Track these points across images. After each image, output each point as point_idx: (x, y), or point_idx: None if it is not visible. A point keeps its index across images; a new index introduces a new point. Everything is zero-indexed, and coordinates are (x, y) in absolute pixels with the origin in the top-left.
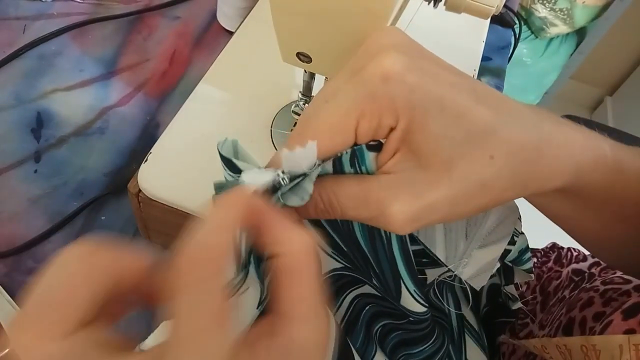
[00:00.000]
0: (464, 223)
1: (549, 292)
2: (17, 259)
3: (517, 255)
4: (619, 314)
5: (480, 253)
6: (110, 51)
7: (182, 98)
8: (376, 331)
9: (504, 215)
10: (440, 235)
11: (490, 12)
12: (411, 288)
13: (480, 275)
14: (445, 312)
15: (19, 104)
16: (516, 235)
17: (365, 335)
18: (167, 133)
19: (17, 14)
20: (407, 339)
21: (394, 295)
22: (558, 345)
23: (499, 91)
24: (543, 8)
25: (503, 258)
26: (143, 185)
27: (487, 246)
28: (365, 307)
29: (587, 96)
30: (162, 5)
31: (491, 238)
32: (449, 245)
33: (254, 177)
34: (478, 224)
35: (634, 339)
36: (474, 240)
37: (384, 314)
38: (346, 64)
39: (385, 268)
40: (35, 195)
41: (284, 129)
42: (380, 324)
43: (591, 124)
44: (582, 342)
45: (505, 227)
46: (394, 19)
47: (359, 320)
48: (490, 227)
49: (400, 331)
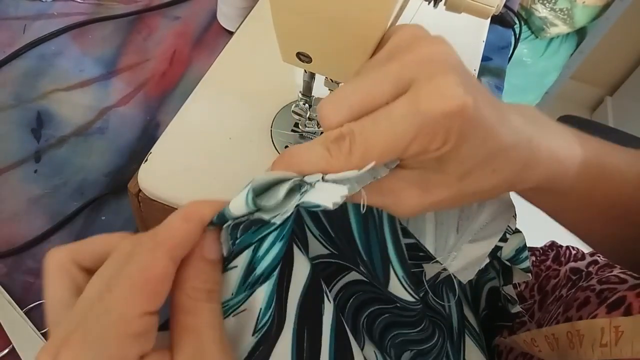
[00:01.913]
0: (456, 217)
1: (547, 290)
2: (17, 258)
3: (515, 253)
4: (603, 308)
5: (470, 247)
6: (110, 51)
7: (182, 98)
8: (363, 321)
9: (498, 212)
10: (431, 228)
11: (491, 12)
12: (400, 274)
13: (468, 270)
14: (444, 314)
15: (19, 104)
16: (509, 233)
17: (352, 327)
18: (167, 133)
19: (17, 14)
20: (395, 322)
21: (382, 282)
22: (547, 335)
23: (500, 92)
24: (543, 8)
25: (493, 255)
26: (143, 185)
27: (478, 241)
28: (350, 299)
29: (588, 96)
30: (162, 5)
31: (483, 233)
32: (439, 238)
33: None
34: (471, 219)
35: (615, 321)
36: (464, 235)
37: (371, 301)
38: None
39: (375, 252)
40: (36, 195)
41: (284, 129)
42: (367, 312)
43: (591, 124)
44: (568, 329)
45: (498, 224)
46: (394, 18)
47: (345, 312)
48: (483, 222)
49: (389, 314)
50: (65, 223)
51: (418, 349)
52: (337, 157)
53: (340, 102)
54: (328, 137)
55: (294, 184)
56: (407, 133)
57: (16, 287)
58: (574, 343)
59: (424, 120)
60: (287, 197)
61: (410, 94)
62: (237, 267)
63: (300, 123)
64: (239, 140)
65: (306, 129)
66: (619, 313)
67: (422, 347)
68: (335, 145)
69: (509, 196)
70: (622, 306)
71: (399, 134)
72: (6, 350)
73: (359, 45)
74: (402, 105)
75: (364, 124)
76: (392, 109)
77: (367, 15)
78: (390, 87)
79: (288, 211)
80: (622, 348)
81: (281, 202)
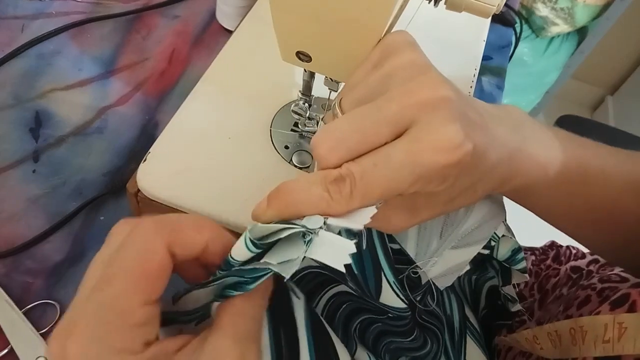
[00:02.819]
0: (441, 223)
1: (547, 289)
2: (16, 259)
3: (511, 254)
4: (607, 305)
5: (452, 254)
6: (109, 50)
7: (181, 97)
8: (355, 328)
9: (486, 219)
10: (413, 232)
11: (491, 11)
12: (391, 279)
13: (446, 276)
14: (441, 318)
15: (18, 103)
16: (494, 240)
17: (344, 333)
18: (166, 133)
19: (16, 13)
20: (388, 330)
21: (374, 294)
22: (549, 332)
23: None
24: (544, 7)
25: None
26: (142, 185)
27: (461, 248)
28: (342, 306)
29: (588, 95)
30: (161, 4)
31: (466, 240)
32: (420, 243)
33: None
34: (455, 225)
35: (619, 317)
36: (447, 241)
37: (363, 310)
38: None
39: (367, 260)
40: (34, 195)
41: (284, 129)
42: (359, 320)
43: (590, 124)
44: (571, 325)
45: (483, 231)
46: (394, 18)
47: (336, 319)
48: (467, 229)
49: (380, 324)
50: (63, 223)
51: (413, 355)
52: (338, 201)
53: (338, 144)
54: (327, 178)
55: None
56: (406, 180)
57: (15, 287)
58: (576, 339)
59: (422, 171)
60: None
61: (410, 142)
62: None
63: (300, 122)
64: (238, 140)
65: (306, 128)
66: (623, 310)
67: (417, 354)
68: (335, 187)
69: (502, 200)
70: (626, 303)
71: (399, 179)
72: (5, 350)
73: (358, 44)
74: (401, 153)
75: (365, 168)
76: (391, 154)
77: (367, 15)
78: (388, 131)
79: (296, 264)
80: (625, 344)
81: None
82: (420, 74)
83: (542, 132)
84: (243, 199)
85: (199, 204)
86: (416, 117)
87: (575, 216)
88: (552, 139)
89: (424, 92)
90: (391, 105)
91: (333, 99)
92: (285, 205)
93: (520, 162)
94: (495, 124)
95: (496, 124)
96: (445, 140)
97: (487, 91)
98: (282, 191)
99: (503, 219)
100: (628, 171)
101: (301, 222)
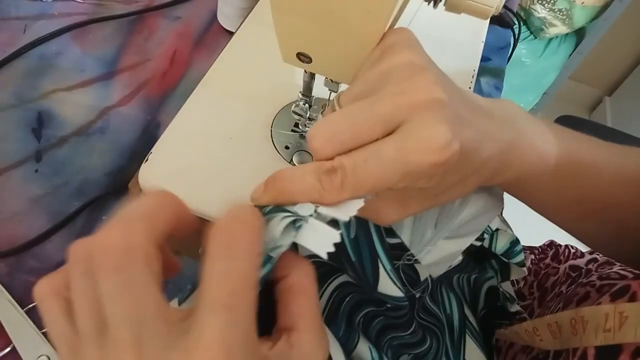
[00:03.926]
0: (436, 213)
1: (547, 288)
2: (18, 258)
3: (510, 246)
4: (607, 297)
5: (446, 244)
6: (110, 51)
7: (182, 98)
8: (359, 320)
9: (479, 213)
10: (409, 222)
11: (490, 12)
12: (387, 267)
13: (439, 265)
14: (439, 317)
15: (20, 103)
16: (487, 233)
17: (347, 325)
18: (167, 133)
19: (18, 14)
20: (389, 324)
21: (371, 281)
22: (549, 323)
23: (499, 92)
24: (542, 8)
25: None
26: (144, 185)
27: (454, 238)
28: (346, 298)
29: (586, 96)
30: (162, 6)
31: (460, 231)
32: (415, 231)
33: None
34: (450, 216)
35: (620, 307)
36: (442, 231)
37: (366, 302)
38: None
39: (363, 245)
40: (36, 195)
41: (284, 129)
42: (363, 312)
43: (588, 124)
44: (572, 316)
45: (478, 223)
46: (394, 19)
47: (340, 311)
48: (462, 220)
49: (383, 317)
50: (66, 223)
51: (414, 352)
52: (329, 191)
53: (332, 138)
54: (320, 168)
55: (289, 220)
56: (394, 176)
57: (17, 287)
58: (577, 330)
59: (410, 168)
60: (283, 232)
61: (400, 140)
62: None
63: (300, 123)
64: (239, 140)
65: (306, 129)
66: (624, 301)
67: (417, 351)
68: (327, 178)
69: (501, 194)
70: (627, 294)
71: (387, 175)
72: (7, 349)
73: (358, 45)
74: (391, 150)
75: (356, 162)
76: (382, 151)
77: (367, 16)
78: (381, 128)
79: (283, 246)
80: (626, 333)
81: (277, 238)
82: (415, 74)
83: (536, 125)
84: (244, 198)
85: (200, 203)
86: (407, 117)
87: (568, 208)
88: (546, 132)
89: (417, 93)
90: (385, 104)
91: (333, 99)
92: (280, 192)
93: (512, 156)
94: (487, 119)
95: (489, 119)
96: (433, 140)
97: (486, 92)
98: (278, 178)
99: (499, 212)
100: (620, 164)
101: (293, 209)
